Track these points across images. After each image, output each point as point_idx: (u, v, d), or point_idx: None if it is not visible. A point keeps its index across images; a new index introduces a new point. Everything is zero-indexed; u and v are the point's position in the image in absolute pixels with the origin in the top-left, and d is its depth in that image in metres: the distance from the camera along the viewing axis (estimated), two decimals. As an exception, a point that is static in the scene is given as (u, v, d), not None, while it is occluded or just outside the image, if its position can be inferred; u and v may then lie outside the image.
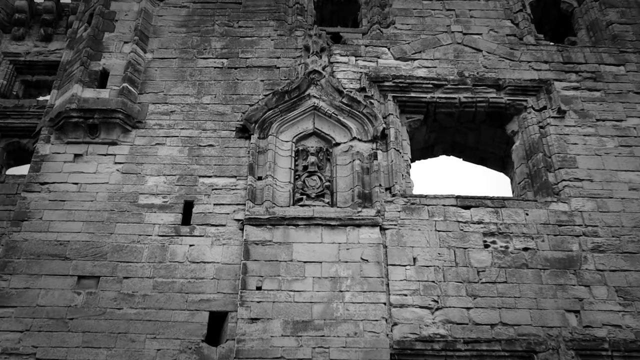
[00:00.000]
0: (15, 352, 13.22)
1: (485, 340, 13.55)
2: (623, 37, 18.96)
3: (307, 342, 13.23)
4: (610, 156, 16.37)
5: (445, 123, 17.81)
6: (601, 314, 14.04)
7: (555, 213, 15.40)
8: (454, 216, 15.22)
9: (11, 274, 14.21)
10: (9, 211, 16.89)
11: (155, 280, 14.18)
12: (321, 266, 14.15)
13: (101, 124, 16.29)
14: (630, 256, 14.82)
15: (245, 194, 15.27)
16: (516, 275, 14.45)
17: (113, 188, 15.53)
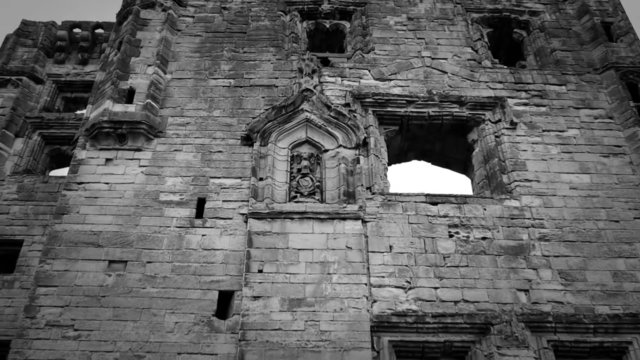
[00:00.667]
0: (57, 324, 13.44)
1: (450, 315, 13.73)
2: (564, 62, 19.16)
3: (300, 316, 13.43)
4: (554, 161, 16.53)
5: (417, 133, 17.98)
6: (546, 293, 14.22)
7: (508, 208, 15.61)
8: (424, 211, 15.42)
9: (53, 258, 14.42)
10: (51, 206, 16.98)
11: (173, 265, 14.36)
12: (312, 253, 14.36)
13: (128, 133, 16.52)
14: (571, 244, 15.00)
15: (249, 192, 15.50)
16: (476, 260, 14.65)
17: (138, 187, 15.75)
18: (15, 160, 18.70)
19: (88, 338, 13.33)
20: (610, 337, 13.79)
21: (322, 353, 13.01)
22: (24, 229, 17.09)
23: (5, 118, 19.31)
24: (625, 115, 17.56)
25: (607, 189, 16.15)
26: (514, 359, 13.22)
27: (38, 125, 19.61)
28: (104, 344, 13.26)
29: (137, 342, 13.29)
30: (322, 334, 13.20)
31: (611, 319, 13.85)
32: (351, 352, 13.03)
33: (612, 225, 15.48)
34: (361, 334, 13.26)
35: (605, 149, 17.00)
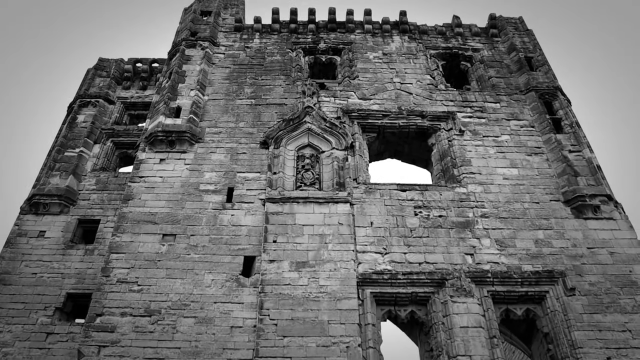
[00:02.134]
0: (125, 281, 13.42)
1: (415, 273, 13.67)
2: (498, 86, 19.03)
3: (305, 274, 13.39)
4: (491, 158, 16.48)
5: (390, 138, 17.80)
6: (486, 256, 14.18)
7: (458, 194, 15.51)
8: (396, 196, 15.31)
9: (122, 233, 14.31)
10: (120, 194, 17.04)
11: (210, 237, 14.27)
12: (313, 227, 14.27)
13: (176, 140, 16.41)
14: (504, 220, 14.96)
15: (266, 183, 15.42)
16: (434, 232, 14.57)
17: (184, 179, 15.62)
18: (94, 160, 18.66)
19: (148, 291, 13.30)
20: (533, 288, 13.80)
21: (321, 302, 12.96)
22: (100, 211, 17.07)
23: (86, 129, 19.27)
24: (543, 125, 17.45)
25: (530, 179, 16.03)
26: (462, 304, 13.24)
27: (110, 135, 19.53)
28: (159, 295, 13.24)
29: (183, 294, 13.26)
30: (320, 288, 13.16)
31: (534, 275, 13.84)
32: (342, 300, 12.99)
33: (534, 206, 15.38)
34: (350, 287, 13.22)
35: (528, 149, 16.87)
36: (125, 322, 12.75)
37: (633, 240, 14.75)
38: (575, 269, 14.02)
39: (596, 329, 13.00)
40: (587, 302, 13.44)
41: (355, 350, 12.25)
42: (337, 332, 12.50)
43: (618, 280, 13.88)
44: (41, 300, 14.93)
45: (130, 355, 12.28)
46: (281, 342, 12.33)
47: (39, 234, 16.35)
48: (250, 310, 12.99)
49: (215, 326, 12.74)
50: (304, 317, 12.70)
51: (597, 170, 16.15)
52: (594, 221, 15.10)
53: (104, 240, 16.08)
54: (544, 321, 13.52)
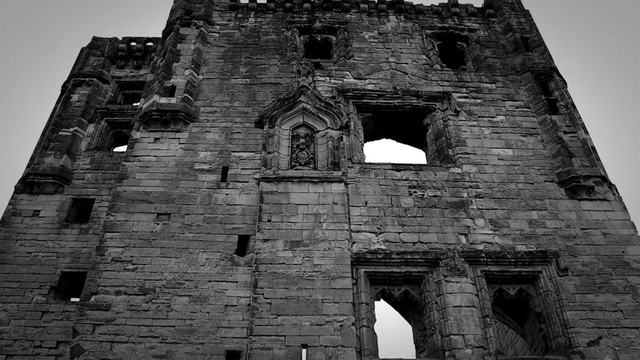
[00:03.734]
0: (119, 259, 13.41)
1: (409, 252, 13.67)
2: (494, 66, 18.93)
3: (299, 254, 13.37)
4: (486, 139, 16.44)
5: (385, 118, 17.70)
6: (480, 236, 14.17)
7: (452, 174, 15.48)
8: (390, 176, 15.28)
9: (116, 212, 14.26)
10: (115, 173, 16.93)
11: (205, 216, 14.23)
12: (307, 207, 14.23)
13: (171, 119, 16.29)
14: (498, 200, 14.94)
15: (260, 162, 15.33)
16: (429, 212, 14.54)
17: (178, 159, 15.55)
18: (88, 140, 18.51)
19: (142, 270, 13.29)
20: (526, 268, 13.83)
21: (315, 281, 12.95)
22: (95, 190, 16.99)
23: (81, 109, 19.10)
24: (539, 106, 17.40)
25: (525, 160, 16.01)
26: (456, 284, 13.26)
27: (105, 114, 19.37)
28: (154, 274, 13.23)
29: (178, 273, 13.25)
30: (315, 267, 13.15)
31: (527, 255, 13.87)
32: (336, 279, 12.99)
33: (528, 187, 15.37)
34: (344, 266, 13.22)
35: (523, 130, 16.82)
36: (119, 301, 12.75)
37: (626, 221, 14.78)
38: (569, 250, 14.05)
39: (588, 309, 13.06)
40: (579, 283, 13.49)
41: (349, 329, 12.27)
42: (331, 310, 12.51)
43: (611, 261, 13.93)
44: (36, 279, 14.90)
45: (125, 334, 12.29)
46: (275, 321, 12.35)
47: (34, 214, 16.29)
48: (244, 289, 12.99)
49: (209, 305, 12.74)
50: (298, 296, 12.71)
51: (592, 151, 16.13)
52: (587, 202, 15.11)
53: (98, 220, 16.02)
54: (536, 301, 13.57)
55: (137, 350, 12.06)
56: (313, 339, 12.13)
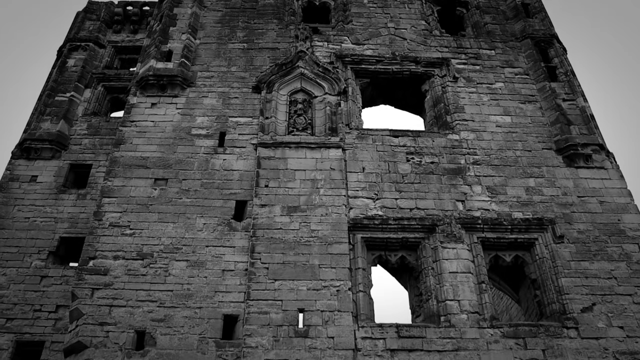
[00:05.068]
0: (117, 224, 13.41)
1: (406, 218, 13.67)
2: (494, 32, 18.71)
3: (296, 219, 13.39)
4: (484, 106, 16.34)
5: (383, 84, 17.53)
6: (477, 203, 14.17)
7: (450, 140, 15.42)
8: (388, 142, 15.21)
9: (114, 177, 14.22)
10: (112, 139, 16.68)
11: (202, 181, 14.21)
12: (305, 172, 14.21)
13: (168, 84, 16.17)
14: (495, 167, 14.90)
15: (258, 127, 15.23)
16: (426, 179, 14.52)
17: (175, 124, 15.45)
18: (85, 105, 18.28)
19: (140, 235, 13.29)
20: (523, 235, 13.84)
21: (312, 246, 12.98)
22: (92, 155, 16.86)
23: (77, 74, 18.84)
24: (538, 73, 17.26)
25: (523, 127, 15.92)
26: (452, 250, 13.30)
27: (101, 79, 19.10)
28: (151, 239, 13.24)
29: (175, 238, 13.25)
30: (312, 232, 13.16)
31: (523, 222, 13.88)
32: (333, 245, 13.02)
33: (526, 154, 15.32)
34: (341, 232, 13.22)
35: (522, 97, 16.70)
36: (117, 265, 12.76)
37: (623, 189, 14.77)
38: (565, 217, 14.06)
39: (583, 276, 13.13)
40: (575, 250, 13.53)
41: (345, 294, 12.32)
42: (327, 275, 12.55)
43: (606, 228, 13.95)
44: (35, 244, 14.90)
45: (123, 298, 12.33)
46: (272, 286, 12.39)
47: (31, 179, 16.21)
48: (241, 254, 13.01)
49: (207, 269, 12.77)
50: (295, 261, 12.74)
51: (591, 119, 16.04)
52: (585, 170, 15.08)
53: (96, 185, 15.92)
54: (532, 268, 13.62)
55: (135, 314, 12.11)
56: (310, 303, 12.18)
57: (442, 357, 11.85)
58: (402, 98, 18.03)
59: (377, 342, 11.94)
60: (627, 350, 12.14)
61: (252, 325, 11.84)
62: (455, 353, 11.90)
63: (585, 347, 12.17)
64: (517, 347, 12.08)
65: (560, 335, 12.29)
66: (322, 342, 11.69)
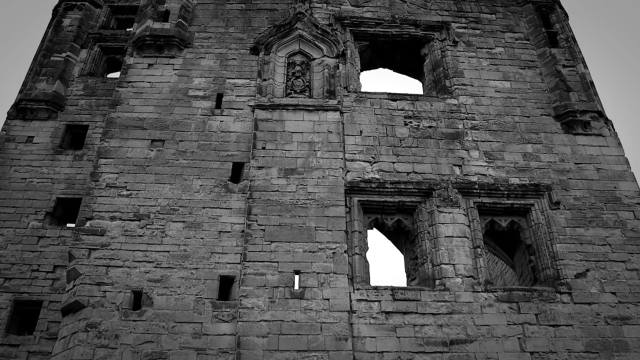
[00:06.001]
0: (114, 185, 13.35)
1: (403, 182, 13.63)
2: (494, -5, 18.45)
3: (293, 181, 13.33)
4: (484, 71, 16.20)
5: (383, 47, 17.29)
6: (474, 168, 14.12)
7: (449, 105, 15.28)
8: (386, 105, 15.06)
9: (110, 138, 14.10)
10: (108, 99, 16.47)
11: (199, 143, 14.10)
12: (302, 135, 14.09)
13: (165, 44, 15.91)
14: (493, 132, 14.84)
15: (255, 89, 15.06)
16: (424, 143, 14.45)
17: (172, 85, 15.24)
18: (81, 66, 17.97)
19: (137, 196, 13.22)
20: (519, 200, 13.82)
21: (308, 208, 12.95)
22: (89, 117, 16.68)
23: (73, 34, 18.49)
24: (539, 38, 17.03)
25: (522, 93, 15.79)
26: (449, 214, 13.29)
27: (98, 39, 18.76)
28: (148, 200, 13.17)
29: (172, 199, 13.19)
30: (308, 195, 13.13)
31: (520, 188, 13.85)
32: (330, 207, 12.99)
33: (524, 120, 15.21)
34: (337, 195, 13.18)
35: (522, 63, 16.49)
36: (114, 226, 12.73)
37: (620, 157, 14.74)
38: (562, 184, 14.04)
39: (577, 242, 13.17)
40: (570, 216, 13.55)
41: (341, 256, 12.34)
42: (324, 238, 12.55)
43: (602, 195, 13.95)
44: (32, 205, 14.85)
45: (120, 258, 12.33)
46: (269, 247, 12.40)
47: (27, 140, 16.07)
48: (238, 215, 12.98)
49: (203, 231, 12.75)
50: (291, 223, 12.72)
51: (590, 86, 15.91)
52: (583, 137, 15.02)
53: (92, 146, 15.80)
54: (527, 233, 13.64)
55: (132, 275, 12.13)
56: (306, 265, 12.22)
57: (437, 319, 11.93)
58: (401, 62, 17.81)
59: (372, 304, 12.01)
60: (618, 316, 12.25)
61: (248, 286, 11.88)
62: (449, 316, 11.99)
63: (578, 312, 12.27)
64: (511, 311, 12.16)
65: (554, 300, 12.37)
66: (318, 304, 11.75)
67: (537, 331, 11.95)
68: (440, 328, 11.84)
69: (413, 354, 11.49)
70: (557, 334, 11.96)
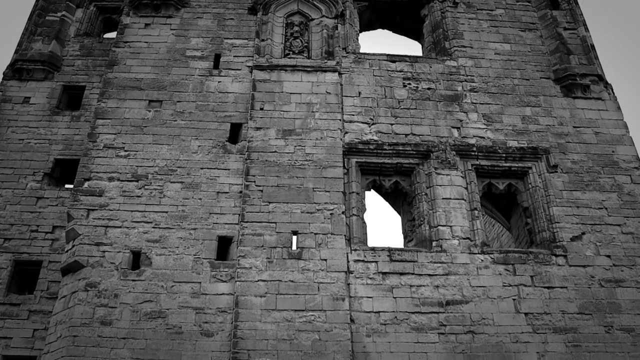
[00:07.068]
0: (111, 146, 13.30)
1: (401, 144, 13.58)
2: (493, -38, 18.03)
3: (291, 142, 13.28)
4: (484, 32, 15.99)
5: (382, 8, 17.02)
6: (473, 130, 14.04)
7: (448, 67, 15.11)
8: (385, 66, 14.89)
9: (107, 98, 14.00)
10: (105, 60, 16.21)
11: (197, 103, 14.01)
12: (300, 96, 13.99)
13: (162, 4, 15.68)
14: (492, 95, 14.73)
15: (253, 50, 14.89)
16: (422, 105, 14.33)
17: (169, 45, 15.08)
18: (77, 25, 17.64)
19: (135, 156, 13.19)
20: (517, 163, 13.81)
21: (306, 169, 12.93)
22: (85, 77, 16.44)
23: (68, -8, 18.09)
24: (540, 0, 16.70)
25: (522, 55, 15.59)
26: (446, 176, 13.30)
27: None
28: (146, 160, 13.14)
29: (170, 160, 13.17)
30: (306, 156, 13.09)
31: (518, 151, 13.81)
32: (328, 169, 12.97)
33: (523, 83, 15.07)
34: (335, 156, 13.15)
35: (522, 25, 16.24)
36: (112, 187, 12.70)
37: (619, 121, 14.64)
38: (560, 147, 13.98)
39: (574, 205, 13.18)
40: (567, 180, 13.53)
41: (339, 217, 12.35)
42: (321, 199, 12.54)
43: (600, 159, 13.92)
44: (29, 166, 14.77)
45: (118, 219, 12.33)
46: (266, 208, 12.39)
47: (24, 100, 15.89)
48: (236, 176, 12.94)
49: (201, 191, 12.73)
50: (289, 184, 12.70)
51: (591, 49, 15.71)
52: (582, 100, 14.89)
53: (90, 107, 15.62)
54: (524, 196, 13.64)
55: (130, 235, 12.15)
56: (303, 226, 12.23)
57: (433, 280, 12.01)
58: (400, 23, 17.53)
59: (369, 265, 12.06)
60: (612, 278, 12.35)
61: (246, 246, 11.90)
62: (445, 277, 12.06)
63: (573, 274, 12.35)
64: (507, 272, 12.24)
65: (549, 262, 12.44)
66: (315, 264, 11.80)
67: (532, 293, 12.05)
68: (437, 289, 11.92)
69: (409, 314, 11.58)
70: (551, 295, 12.07)
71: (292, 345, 10.99)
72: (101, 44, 17.12)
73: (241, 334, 10.97)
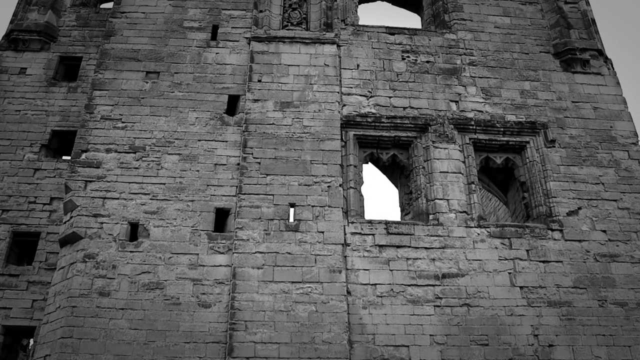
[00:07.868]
0: (109, 118, 13.20)
1: (399, 117, 13.48)
2: None
3: (289, 115, 13.18)
4: (484, 5, 15.81)
5: (381, -19, 16.85)
6: (471, 104, 13.94)
7: (447, 40, 14.96)
8: (384, 39, 14.72)
9: (105, 70, 13.84)
10: (102, 30, 16.01)
11: (194, 75, 13.87)
12: (299, 68, 13.85)
13: (158, -25, 15.41)
14: (491, 69, 14.59)
15: (252, 21, 14.68)
16: (421, 78, 14.21)
17: (167, 16, 14.84)
18: (73, -5, 17.38)
19: (132, 128, 13.10)
20: (515, 138, 13.76)
21: (304, 142, 12.86)
22: (82, 48, 16.19)
23: (64, -37, 17.74)
24: (541, -27, 16.46)
25: (522, 29, 15.41)
26: (444, 150, 13.25)
27: (90, -31, 18.07)
28: (144, 132, 13.05)
29: (168, 132, 13.08)
30: (304, 128, 13.01)
31: (516, 125, 13.75)
32: (326, 141, 12.91)
33: (523, 57, 14.94)
34: (333, 128, 13.08)
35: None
36: (110, 158, 12.63)
37: (618, 96, 14.56)
38: (558, 122, 13.92)
39: (571, 180, 13.17)
40: (565, 155, 13.50)
41: (336, 190, 12.32)
42: (319, 172, 12.50)
43: (598, 135, 13.87)
44: (26, 137, 14.65)
45: (116, 190, 12.29)
46: (264, 180, 12.35)
47: (20, 71, 15.68)
48: (233, 148, 12.86)
49: (199, 163, 12.67)
50: (287, 157, 12.64)
51: (591, 23, 15.55)
52: (581, 75, 14.79)
53: (87, 78, 15.43)
54: (521, 170, 13.63)
55: (128, 206, 12.11)
56: (301, 198, 12.21)
57: (429, 254, 12.03)
58: (399, -5, 17.33)
59: (366, 237, 12.07)
60: (607, 253, 12.41)
61: (243, 218, 11.88)
62: (442, 250, 12.08)
63: (568, 248, 12.40)
64: (503, 246, 12.26)
65: (545, 236, 12.47)
66: (312, 237, 11.80)
67: (528, 267, 12.11)
68: (433, 262, 11.96)
69: (405, 287, 11.63)
70: (547, 269, 12.12)
71: (289, 316, 11.04)
72: (98, 14, 16.83)
73: (238, 305, 11.01)
